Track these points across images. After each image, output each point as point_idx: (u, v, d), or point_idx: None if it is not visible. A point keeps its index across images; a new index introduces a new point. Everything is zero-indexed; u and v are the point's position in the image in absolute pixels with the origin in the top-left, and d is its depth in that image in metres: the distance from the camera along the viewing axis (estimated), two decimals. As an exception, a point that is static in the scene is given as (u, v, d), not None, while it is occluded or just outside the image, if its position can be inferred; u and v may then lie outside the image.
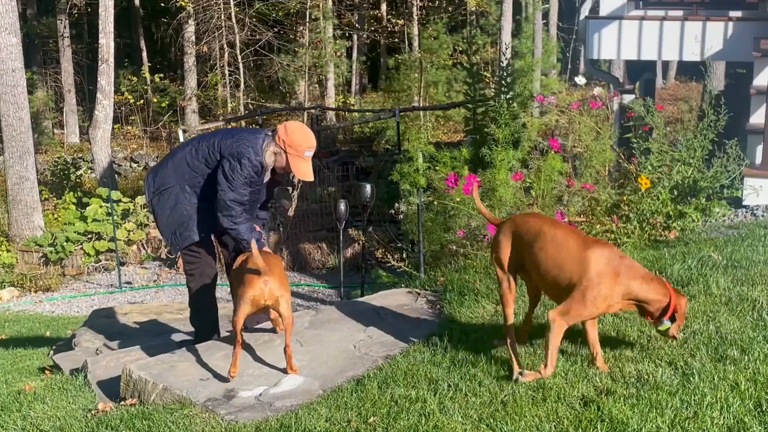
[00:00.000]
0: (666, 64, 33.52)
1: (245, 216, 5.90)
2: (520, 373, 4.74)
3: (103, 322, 8.39)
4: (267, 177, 6.09)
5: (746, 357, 4.78)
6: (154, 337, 7.32)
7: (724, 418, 4.18)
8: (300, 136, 5.89)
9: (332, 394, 4.90)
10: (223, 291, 8.24)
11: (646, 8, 10.64)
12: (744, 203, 8.06)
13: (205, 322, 6.37)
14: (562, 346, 5.04)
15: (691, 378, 4.58)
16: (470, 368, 4.97)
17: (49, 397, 5.77)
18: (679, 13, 10.32)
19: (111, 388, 5.60)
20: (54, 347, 8.10)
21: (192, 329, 7.23)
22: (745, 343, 4.95)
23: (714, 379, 4.55)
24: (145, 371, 5.30)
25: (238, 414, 4.79)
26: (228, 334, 6.10)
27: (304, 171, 5.93)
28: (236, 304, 5.26)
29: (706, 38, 10.04)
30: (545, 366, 4.74)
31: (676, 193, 7.52)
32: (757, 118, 8.60)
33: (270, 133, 5.93)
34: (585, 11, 11.13)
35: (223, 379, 5.19)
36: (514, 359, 4.85)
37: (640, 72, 12.42)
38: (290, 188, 15.78)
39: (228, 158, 5.82)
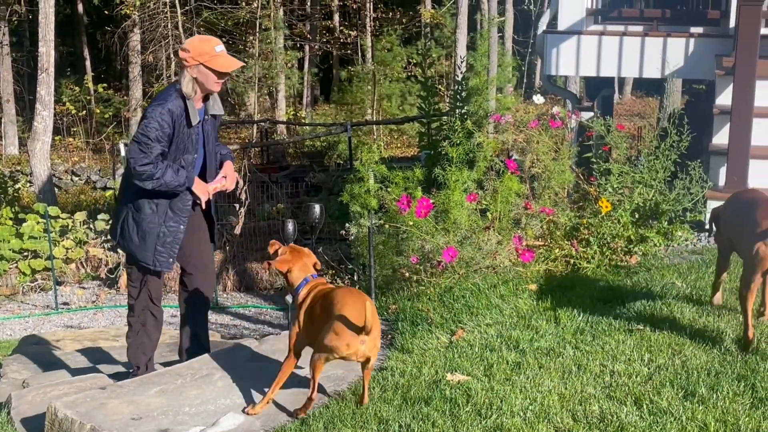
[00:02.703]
0: (622, 79, 33.77)
1: (165, 169, 5.54)
2: None
3: (34, 350, 8.07)
4: (196, 119, 5.65)
5: (715, 395, 4.64)
6: (87, 368, 7.02)
7: (693, 464, 4.04)
8: (200, 42, 5.65)
9: (275, 435, 4.68)
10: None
11: (606, 23, 10.57)
12: (707, 227, 7.95)
13: (138, 356, 6.11)
14: (524, 380, 4.89)
15: (658, 418, 4.42)
16: (423, 406, 4.76)
17: (-33, 435, 5.46)
18: (640, 28, 10.26)
19: (36, 426, 5.29)
20: (-21, 377, 7.77)
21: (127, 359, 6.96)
22: (713, 380, 4.83)
23: (682, 419, 4.41)
24: (72, 409, 5.02)
25: (172, 458, 4.55)
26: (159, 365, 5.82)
27: (228, 64, 5.61)
28: (316, 348, 4.73)
29: (667, 55, 9.99)
30: None
31: (637, 216, 7.41)
32: (720, 139, 8.52)
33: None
34: (543, 25, 11.03)
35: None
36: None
37: (599, 88, 12.37)
38: (237, 205, 15.53)
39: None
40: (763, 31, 8.55)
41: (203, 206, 5.92)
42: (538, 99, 9.89)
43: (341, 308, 4.61)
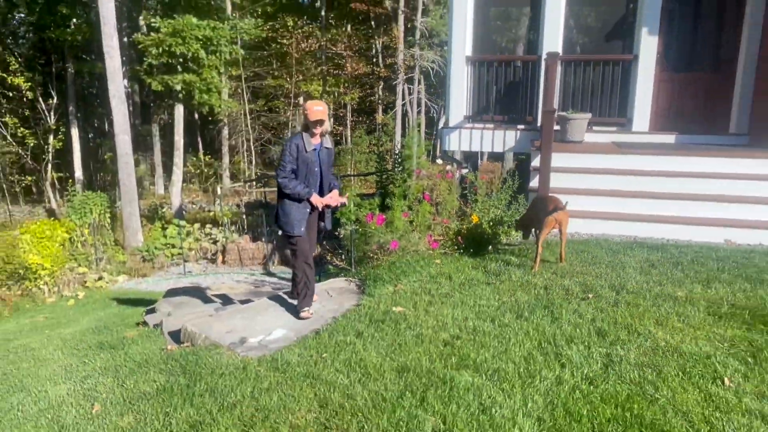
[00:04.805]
0: (483, 152, 33.86)
1: (294, 182, 5.06)
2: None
3: (173, 296, 7.91)
4: (312, 145, 5.01)
5: (533, 316, 4.69)
6: (202, 305, 6.90)
7: (521, 351, 4.07)
8: (308, 103, 5.06)
9: (302, 340, 4.65)
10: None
11: (474, 123, 10.62)
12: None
13: (307, 284, 5.29)
14: (433, 310, 4.88)
15: (504, 328, 4.45)
16: (380, 324, 4.76)
17: (140, 341, 5.38)
18: (492, 125, 10.34)
19: (176, 336, 5.23)
20: (146, 310, 7.62)
21: (220, 300, 6.85)
22: (531, 308, 4.87)
23: (515, 328, 4.44)
24: (195, 327, 4.97)
25: (248, 352, 4.50)
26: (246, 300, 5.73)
27: (310, 115, 5.00)
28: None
29: (506, 139, 10.07)
30: None
31: (492, 224, 7.43)
32: (534, 183, 8.58)
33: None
34: (441, 123, 11.11)
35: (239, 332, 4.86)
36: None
37: (471, 157, 12.44)
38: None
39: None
40: (555, 127, 8.67)
41: (319, 209, 5.36)
42: (439, 161, 9.93)
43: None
